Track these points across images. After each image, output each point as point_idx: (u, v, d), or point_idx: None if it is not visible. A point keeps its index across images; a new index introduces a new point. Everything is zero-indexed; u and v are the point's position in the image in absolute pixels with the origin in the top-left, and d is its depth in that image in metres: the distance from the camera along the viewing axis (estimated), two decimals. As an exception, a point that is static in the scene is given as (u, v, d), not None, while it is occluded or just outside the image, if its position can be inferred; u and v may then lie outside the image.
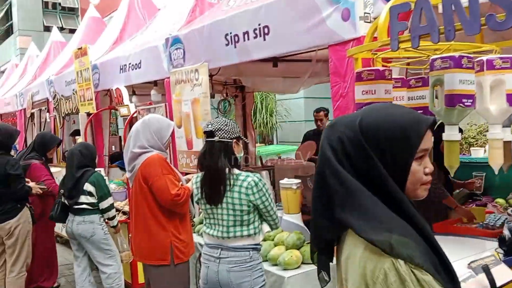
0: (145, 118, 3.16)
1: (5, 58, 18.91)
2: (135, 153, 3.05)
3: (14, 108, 9.69)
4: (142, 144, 3.05)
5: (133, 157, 3.06)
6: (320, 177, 1.15)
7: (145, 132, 3.06)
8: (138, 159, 3.04)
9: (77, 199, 4.23)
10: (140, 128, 3.08)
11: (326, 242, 1.22)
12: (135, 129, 3.09)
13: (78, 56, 5.78)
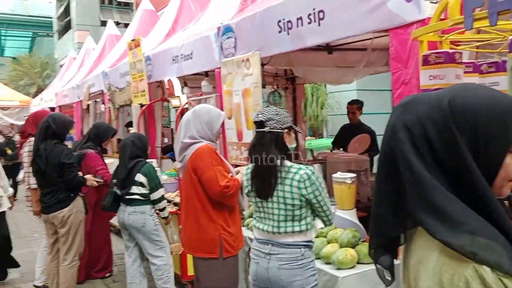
0: (196, 108, 3.09)
1: (64, 53, 19.68)
2: (185, 143, 2.99)
3: (71, 100, 10.03)
4: (192, 135, 2.99)
5: (183, 147, 3.01)
6: (388, 164, 1.00)
7: (195, 122, 3.00)
8: (188, 150, 2.99)
9: (128, 190, 4.26)
10: (190, 118, 3.03)
11: (390, 240, 1.07)
12: (185, 119, 3.04)
13: (132, 48, 5.83)
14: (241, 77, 3.89)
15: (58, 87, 12.12)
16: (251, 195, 2.55)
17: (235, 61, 3.94)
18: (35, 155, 4.18)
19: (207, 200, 2.99)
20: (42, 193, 4.28)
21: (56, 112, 5.27)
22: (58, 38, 21.52)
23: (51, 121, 4.25)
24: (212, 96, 4.34)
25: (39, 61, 22.45)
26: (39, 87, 21.57)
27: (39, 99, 14.00)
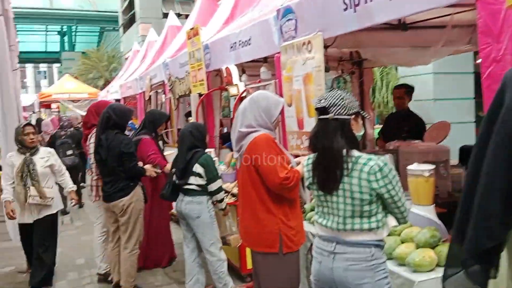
0: (253, 95, 2.90)
1: (129, 46, 20.25)
2: (242, 132, 2.81)
3: (135, 92, 10.23)
4: (250, 123, 2.80)
5: (240, 136, 2.83)
6: None
7: (253, 110, 2.81)
8: (245, 139, 2.81)
9: (186, 180, 4.17)
10: (247, 106, 2.84)
11: (487, 248, 0.82)
12: (242, 107, 2.85)
13: (190, 37, 5.74)
14: (302, 61, 3.64)
15: (122, 79, 12.44)
16: (312, 188, 2.32)
17: (296, 45, 3.70)
18: (97, 145, 4.20)
19: (266, 192, 2.80)
20: (104, 182, 4.30)
21: (115, 103, 5.28)
22: (123, 32, 22.21)
23: (111, 111, 4.25)
24: (271, 83, 4.13)
25: (106, 55, 23.32)
26: (106, 79, 22.39)
27: (106, 91, 14.49)
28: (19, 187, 4.36)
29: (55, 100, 17.73)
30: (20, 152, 4.46)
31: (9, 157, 4.51)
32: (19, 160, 4.41)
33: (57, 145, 7.84)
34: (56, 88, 18.07)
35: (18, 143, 4.47)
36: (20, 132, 4.45)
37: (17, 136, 4.47)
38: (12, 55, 5.48)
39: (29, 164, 4.40)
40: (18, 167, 4.38)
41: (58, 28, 31.30)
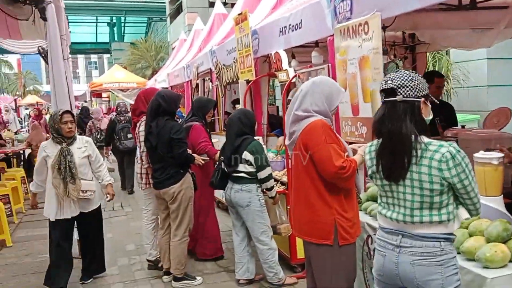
0: (316, 79, 2.77)
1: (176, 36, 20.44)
2: (298, 116, 2.69)
3: (182, 80, 10.28)
4: (307, 108, 2.67)
5: (295, 120, 2.71)
6: None
7: (313, 95, 2.69)
8: (300, 124, 2.68)
9: (235, 167, 4.11)
10: (309, 89, 2.71)
11: None
12: (303, 90, 2.73)
13: (239, 22, 5.64)
14: (357, 43, 3.46)
15: (170, 68, 12.55)
16: (375, 176, 2.17)
17: (351, 26, 3.51)
18: (147, 133, 4.19)
19: (321, 181, 2.67)
20: (154, 169, 4.29)
21: (163, 89, 5.24)
22: (170, 22, 22.46)
23: (160, 98, 4.22)
24: (323, 67, 3.97)
25: (153, 45, 23.71)
26: (154, 69, 22.77)
27: (154, 80, 14.69)
28: (56, 181, 4.00)
29: (106, 89, 18.20)
30: (56, 142, 4.07)
31: (43, 147, 4.12)
32: (55, 151, 4.04)
33: (118, 129, 8.75)
34: (106, 78, 18.53)
35: (54, 132, 4.08)
36: (57, 120, 4.06)
37: (54, 124, 4.08)
38: (63, 44, 5.54)
39: (66, 155, 4.02)
40: (54, 159, 4.00)
41: (108, 20, 32.09)
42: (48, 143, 4.16)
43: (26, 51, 7.50)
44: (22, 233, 6.54)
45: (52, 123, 4.11)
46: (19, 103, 28.83)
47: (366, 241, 3.15)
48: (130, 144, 8.57)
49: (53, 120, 4.11)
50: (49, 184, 4.09)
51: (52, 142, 4.12)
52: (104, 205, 7.91)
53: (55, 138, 4.10)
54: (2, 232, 5.97)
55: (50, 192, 4.10)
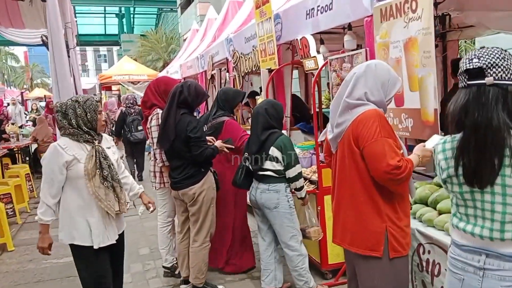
0: (371, 63, 2.37)
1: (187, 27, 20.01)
2: (349, 104, 2.28)
3: (195, 71, 9.88)
4: (361, 95, 2.27)
5: (345, 108, 2.30)
6: None
7: (368, 80, 2.28)
8: (352, 113, 2.28)
9: (261, 165, 3.71)
10: (362, 73, 2.31)
11: None
12: (356, 74, 2.33)
13: (259, 5, 5.21)
14: (403, 24, 3.02)
15: (182, 59, 12.16)
16: (452, 181, 1.75)
17: (395, 4, 3.08)
18: (164, 125, 3.75)
19: (373, 182, 2.27)
20: (171, 168, 3.89)
21: (191, 80, 4.75)
22: (181, 13, 22.00)
23: (186, 88, 3.76)
24: (360, 52, 3.53)
25: (164, 36, 23.29)
26: (165, 61, 22.39)
27: (165, 72, 14.31)
28: (101, 191, 2.89)
29: (115, 81, 17.86)
30: (83, 140, 2.91)
31: (63, 148, 2.85)
32: (84, 152, 2.90)
33: (128, 122, 9.14)
34: (116, 70, 18.18)
35: (83, 125, 2.91)
36: (92, 108, 2.94)
37: (86, 114, 2.91)
38: (68, 32, 5.15)
39: (105, 157, 2.96)
40: (90, 162, 2.87)
41: (117, 10, 31.68)
42: (68, 142, 2.88)
43: (30, 41, 7.15)
44: (26, 235, 6.11)
45: (81, 113, 2.91)
46: (26, 97, 28.63)
47: (417, 251, 2.74)
48: (141, 135, 9.02)
49: (83, 109, 2.91)
50: (78, 199, 2.90)
51: (74, 141, 2.89)
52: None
53: (82, 135, 2.90)
54: (3, 236, 5.49)
55: (82, 210, 2.91)
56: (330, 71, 3.94)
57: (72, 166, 2.86)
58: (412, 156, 2.30)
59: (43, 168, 2.89)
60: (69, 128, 2.90)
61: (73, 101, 2.95)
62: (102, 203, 2.90)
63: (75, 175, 2.86)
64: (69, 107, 2.91)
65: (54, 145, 2.90)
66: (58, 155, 2.83)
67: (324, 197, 4.12)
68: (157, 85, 4.26)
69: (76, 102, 2.93)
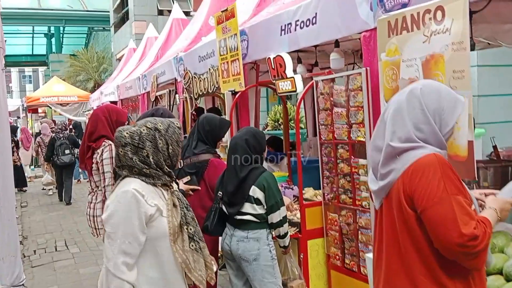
0: (415, 87, 1.70)
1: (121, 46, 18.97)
2: (395, 149, 1.62)
3: (136, 92, 9.04)
4: (408, 135, 1.62)
5: (391, 154, 1.64)
6: None
7: (414, 113, 1.64)
8: (400, 160, 1.62)
9: (240, 208, 3.02)
10: (403, 105, 1.66)
11: None
12: (394, 106, 1.68)
13: (222, 21, 4.56)
14: (421, 38, 2.50)
15: (119, 80, 11.21)
16: None
17: (410, 15, 2.55)
18: None
19: (433, 253, 1.62)
20: None
21: (160, 107, 3.99)
22: (114, 31, 20.86)
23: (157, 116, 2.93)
24: (359, 73, 2.97)
25: (95, 56, 21.94)
26: (96, 81, 21.06)
27: (99, 93, 13.21)
28: (190, 256, 2.07)
29: (43, 103, 16.41)
30: (162, 184, 2.07)
31: (143, 195, 1.97)
32: (163, 201, 2.06)
33: (57, 146, 9.69)
34: (44, 91, 16.74)
35: (165, 163, 2.06)
36: (174, 138, 2.10)
37: (172, 148, 2.08)
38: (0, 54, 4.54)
39: (187, 205, 2.17)
40: (177, 216, 2.05)
41: (45, 30, 29.80)
42: (144, 187, 2.00)
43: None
44: None
45: (163, 146, 2.03)
46: None
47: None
48: (67, 159, 9.75)
49: (165, 140, 2.04)
50: (153, 270, 2.01)
51: (149, 184, 2.02)
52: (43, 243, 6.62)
53: (161, 177, 2.05)
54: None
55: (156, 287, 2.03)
56: (316, 94, 3.35)
57: (154, 221, 1.98)
58: (487, 213, 1.68)
59: (111, 226, 1.93)
60: (144, 168, 2.00)
61: (150, 128, 2.02)
62: (192, 274, 2.05)
63: (155, 235, 1.98)
64: (145, 138, 2.00)
65: (129, 191, 1.93)
66: (139, 205, 1.93)
67: (308, 242, 3.49)
68: (108, 114, 3.49)
69: (156, 130, 2.02)
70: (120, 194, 1.94)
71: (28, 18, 24.77)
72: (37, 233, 7.39)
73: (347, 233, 3.19)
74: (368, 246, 3.02)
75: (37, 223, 8.13)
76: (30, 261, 5.97)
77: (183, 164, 3.45)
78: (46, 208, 9.55)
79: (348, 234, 3.19)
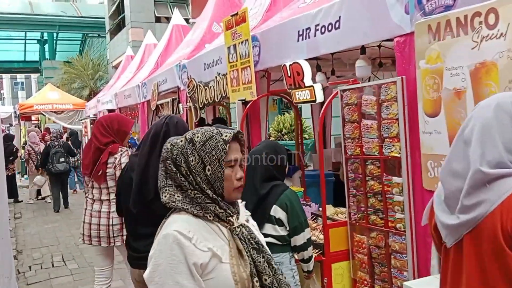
0: (501, 100, 1.37)
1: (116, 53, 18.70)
2: (487, 175, 1.31)
3: (135, 101, 8.74)
4: (500, 157, 1.32)
5: (482, 182, 1.32)
6: None
7: (505, 131, 1.34)
8: (494, 189, 1.31)
9: (260, 229, 2.71)
10: (493, 121, 1.34)
11: None
12: (480, 123, 1.38)
13: (231, 26, 4.30)
14: (470, 44, 2.24)
15: (117, 88, 10.90)
16: None
17: (456, 18, 2.30)
18: (140, 178, 2.59)
19: None
20: (133, 236, 2.77)
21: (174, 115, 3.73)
22: (110, 38, 20.57)
23: (172, 127, 2.64)
24: (394, 81, 2.71)
25: (91, 63, 21.62)
26: (91, 89, 20.74)
27: (95, 101, 12.88)
28: None
29: (37, 111, 16.04)
30: (214, 216, 1.48)
31: (190, 238, 1.41)
32: (223, 240, 1.48)
33: (52, 154, 9.69)
34: (38, 99, 16.36)
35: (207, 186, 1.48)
36: (219, 157, 1.48)
37: (211, 168, 1.47)
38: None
39: (259, 247, 1.54)
40: (243, 262, 1.46)
41: (38, 36, 29.43)
42: (191, 222, 1.46)
43: None
44: None
45: (195, 163, 1.49)
46: None
47: None
48: (62, 167, 9.78)
49: (199, 157, 1.48)
50: None
51: (198, 218, 1.47)
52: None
53: (210, 206, 1.48)
54: None
55: None
56: (342, 105, 3.09)
57: (211, 272, 1.42)
58: None
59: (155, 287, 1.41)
60: (190, 190, 1.48)
61: (187, 139, 1.52)
62: None
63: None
64: (181, 151, 1.51)
65: (170, 234, 1.41)
66: (184, 254, 1.39)
67: (332, 266, 3.21)
68: (110, 123, 3.32)
69: (190, 143, 1.50)
70: (161, 241, 1.43)
71: (20, 24, 24.42)
72: (32, 247, 7.00)
73: (377, 256, 2.91)
74: (402, 272, 2.74)
75: (32, 236, 7.75)
76: (26, 278, 5.63)
77: None
78: (41, 220, 9.16)
79: (378, 258, 2.91)
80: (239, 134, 1.54)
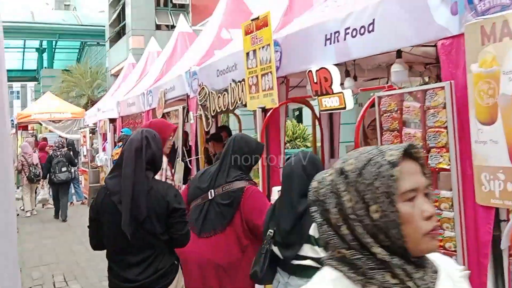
0: None
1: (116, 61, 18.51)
2: None
3: (140, 109, 8.52)
4: None
5: None
6: None
7: None
8: None
9: (297, 250, 2.50)
10: None
11: None
12: None
13: (251, 31, 4.11)
14: (532, 45, 2.06)
15: (119, 96, 10.68)
16: None
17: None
18: (131, 198, 2.44)
19: None
20: (125, 266, 2.54)
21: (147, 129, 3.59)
22: (110, 46, 20.40)
23: (151, 140, 2.60)
24: (442, 86, 2.51)
25: (89, 71, 21.41)
26: (89, 98, 20.53)
27: (96, 110, 12.65)
28: None
29: (35, 120, 15.78)
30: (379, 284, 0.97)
31: None
32: None
33: (54, 163, 9.75)
34: (36, 108, 16.12)
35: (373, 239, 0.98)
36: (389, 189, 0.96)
37: (380, 209, 0.96)
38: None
39: None
40: None
41: (37, 45, 29.25)
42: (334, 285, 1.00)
43: None
44: None
45: (352, 204, 1.01)
46: None
47: None
48: (64, 176, 9.80)
49: (356, 192, 1.00)
50: None
51: (353, 281, 0.98)
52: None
53: (370, 270, 0.96)
54: None
55: None
56: (379, 112, 2.89)
57: None
58: None
59: None
60: (343, 248, 1.02)
61: (337, 171, 1.06)
62: None
63: None
64: (327, 189, 1.06)
65: None
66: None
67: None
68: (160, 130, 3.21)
69: (341, 174, 1.04)
70: None
71: (21, 32, 24.26)
72: (31, 265, 6.61)
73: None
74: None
75: (30, 253, 7.35)
76: (26, 300, 5.35)
77: (214, 194, 2.98)
78: (38, 235, 8.73)
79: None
80: (411, 148, 1.03)
